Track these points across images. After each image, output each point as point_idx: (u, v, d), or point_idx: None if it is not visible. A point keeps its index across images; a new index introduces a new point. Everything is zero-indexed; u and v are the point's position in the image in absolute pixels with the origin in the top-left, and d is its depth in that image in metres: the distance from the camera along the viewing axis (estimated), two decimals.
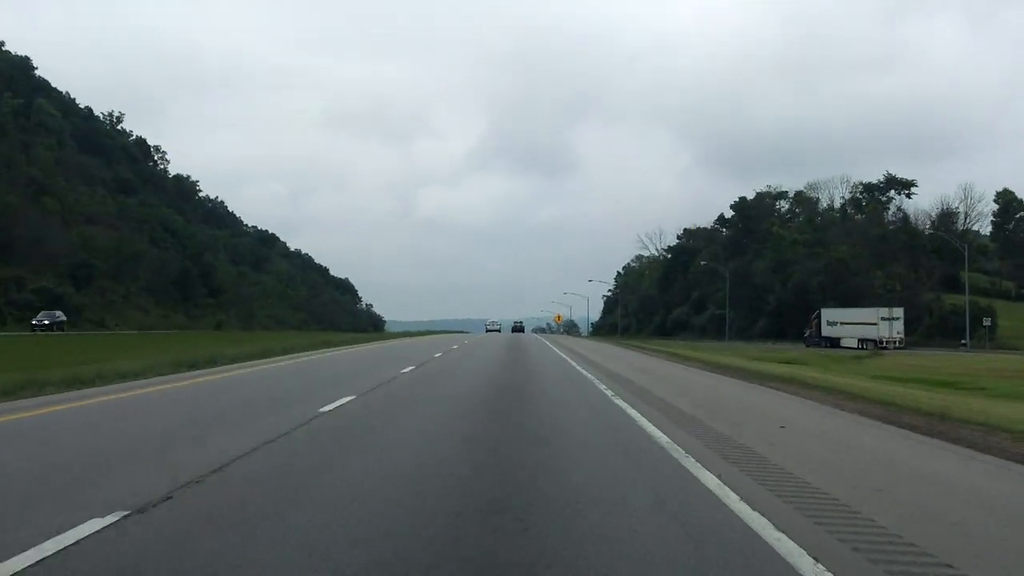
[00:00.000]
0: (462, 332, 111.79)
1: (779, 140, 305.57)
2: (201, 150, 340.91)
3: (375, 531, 4.95)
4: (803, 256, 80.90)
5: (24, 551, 4.39)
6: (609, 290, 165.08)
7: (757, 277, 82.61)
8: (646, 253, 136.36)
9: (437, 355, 31.47)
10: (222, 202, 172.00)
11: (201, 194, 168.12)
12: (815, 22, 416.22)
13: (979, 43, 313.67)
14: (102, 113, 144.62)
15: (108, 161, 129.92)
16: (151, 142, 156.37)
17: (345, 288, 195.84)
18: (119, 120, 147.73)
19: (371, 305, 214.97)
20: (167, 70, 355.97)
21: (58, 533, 4.73)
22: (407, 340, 59.52)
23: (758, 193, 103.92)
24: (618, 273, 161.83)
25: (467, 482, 6.47)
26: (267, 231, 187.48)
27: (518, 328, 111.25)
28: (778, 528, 5.11)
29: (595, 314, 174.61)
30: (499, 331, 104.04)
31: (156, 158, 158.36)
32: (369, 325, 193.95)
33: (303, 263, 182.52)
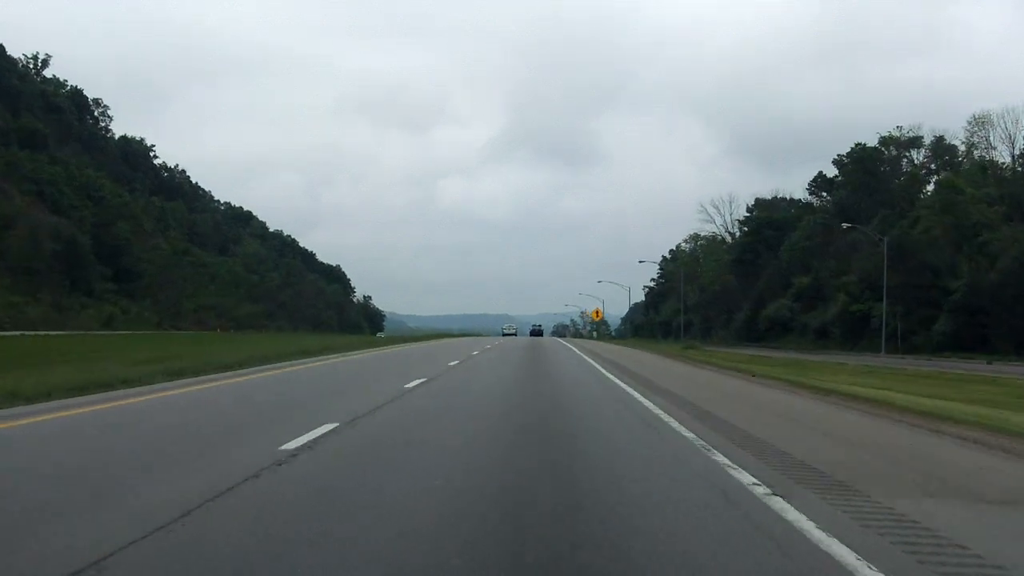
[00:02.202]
0: (474, 335, 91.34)
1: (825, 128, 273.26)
2: (209, 140, 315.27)
3: None
4: (998, 219, 50.32)
5: None
6: (653, 279, 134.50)
7: (925, 253, 51.80)
8: (709, 229, 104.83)
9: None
10: (183, 171, 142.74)
11: (157, 161, 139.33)
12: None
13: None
14: (24, 55, 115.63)
15: (13, 109, 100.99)
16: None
17: (335, 277, 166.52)
18: (44, 64, 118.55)
19: (369, 297, 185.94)
20: (174, 56, 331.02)
21: None
22: (367, 358, 29.37)
23: (883, 138, 72.99)
24: (664, 258, 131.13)
25: None
26: (241, 208, 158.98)
27: (536, 332, 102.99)
28: None
29: (622, 309, 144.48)
30: (515, 334, 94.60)
31: (96, 113, 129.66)
32: (364, 321, 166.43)
33: (281, 245, 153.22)
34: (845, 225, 56.22)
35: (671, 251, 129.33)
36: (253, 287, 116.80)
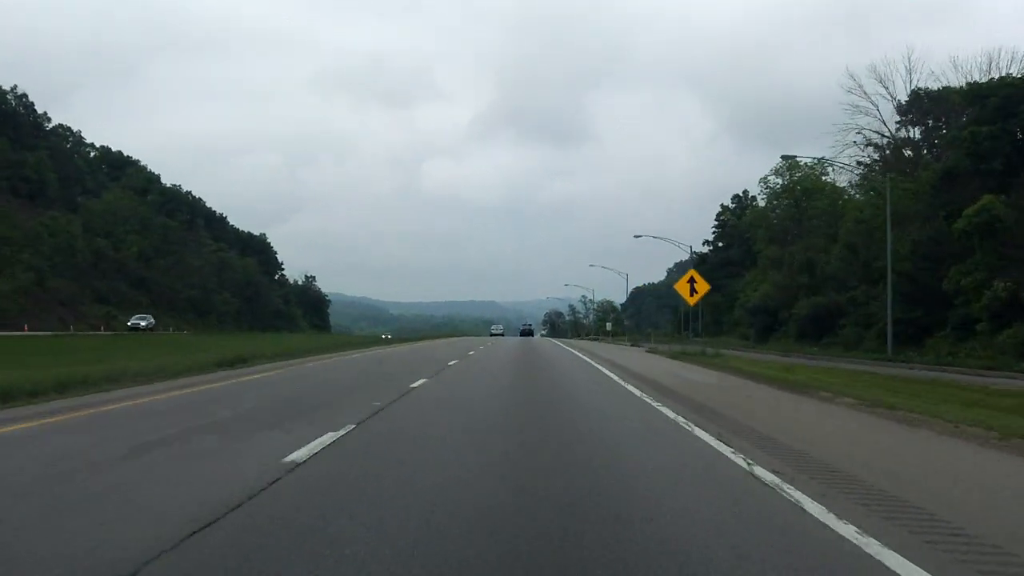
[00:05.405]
0: (451, 335, 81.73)
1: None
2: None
3: None
4: None
5: None
6: (707, 242, 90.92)
7: None
8: (858, 125, 58.28)
9: None
10: (24, 95, 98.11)
11: None
12: None
13: None
14: None
15: None
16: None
17: (254, 249, 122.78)
18: None
19: (313, 278, 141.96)
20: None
21: None
22: None
23: None
24: (725, 208, 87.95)
25: None
26: (120, 153, 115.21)
27: (527, 331, 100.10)
28: None
29: (621, 293, 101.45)
30: (503, 334, 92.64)
31: None
32: (297, 308, 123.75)
33: (175, 203, 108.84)
34: None
35: (737, 197, 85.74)
36: (82, 255, 73.14)
